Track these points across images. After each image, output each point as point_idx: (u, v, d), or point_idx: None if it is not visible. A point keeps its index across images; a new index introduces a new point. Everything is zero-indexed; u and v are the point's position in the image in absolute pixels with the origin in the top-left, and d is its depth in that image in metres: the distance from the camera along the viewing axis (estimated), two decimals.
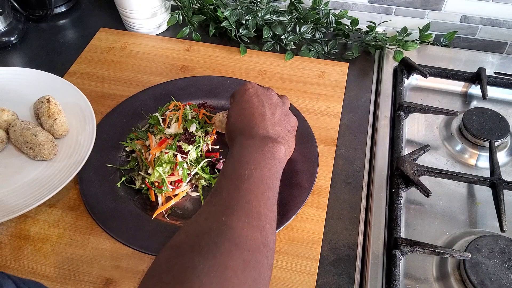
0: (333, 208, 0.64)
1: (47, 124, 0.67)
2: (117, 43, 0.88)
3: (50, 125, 0.67)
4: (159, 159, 0.63)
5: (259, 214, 0.45)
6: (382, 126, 0.73)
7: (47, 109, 0.68)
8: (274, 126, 0.56)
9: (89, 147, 0.65)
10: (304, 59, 0.85)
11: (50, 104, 0.68)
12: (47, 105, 0.68)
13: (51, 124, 0.67)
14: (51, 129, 0.67)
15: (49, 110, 0.68)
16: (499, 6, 0.83)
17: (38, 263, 0.58)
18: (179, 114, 0.69)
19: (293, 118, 0.60)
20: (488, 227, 0.62)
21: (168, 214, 0.62)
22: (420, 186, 0.62)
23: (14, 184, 0.64)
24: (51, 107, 0.68)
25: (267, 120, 0.56)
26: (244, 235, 0.42)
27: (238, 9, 0.84)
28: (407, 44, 0.83)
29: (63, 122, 0.68)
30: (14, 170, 0.66)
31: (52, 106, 0.68)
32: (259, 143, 0.53)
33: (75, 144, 0.67)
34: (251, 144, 0.53)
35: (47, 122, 0.67)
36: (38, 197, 0.61)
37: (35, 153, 0.65)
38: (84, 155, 0.64)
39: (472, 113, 0.73)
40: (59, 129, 0.67)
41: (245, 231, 0.42)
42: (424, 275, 0.58)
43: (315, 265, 0.58)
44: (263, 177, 0.49)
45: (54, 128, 0.67)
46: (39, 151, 0.64)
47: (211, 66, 0.84)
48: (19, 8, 0.92)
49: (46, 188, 0.62)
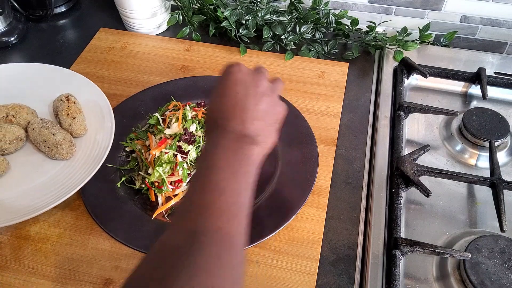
0: (333, 208, 0.64)
1: (66, 123, 0.67)
2: (117, 43, 0.88)
3: (68, 124, 0.67)
4: (159, 159, 0.63)
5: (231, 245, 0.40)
6: (382, 126, 0.73)
7: (66, 108, 0.68)
8: (254, 120, 0.49)
9: (108, 147, 0.65)
10: (304, 59, 0.85)
11: (69, 102, 0.68)
12: (66, 104, 0.68)
13: (69, 123, 0.67)
14: (69, 128, 0.67)
15: (68, 108, 0.67)
16: (499, 6, 0.83)
17: (38, 263, 0.58)
18: (179, 114, 0.69)
19: (281, 108, 0.54)
20: (488, 227, 0.62)
21: (168, 214, 0.62)
22: (420, 186, 0.62)
23: (32, 183, 0.64)
24: (70, 105, 0.68)
25: (248, 112, 0.49)
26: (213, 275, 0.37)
27: (238, 9, 0.84)
28: (407, 44, 0.83)
29: (81, 121, 0.68)
30: (31, 168, 0.65)
31: (71, 104, 0.68)
32: (234, 144, 0.48)
33: (93, 143, 0.67)
34: (226, 144, 0.48)
35: (65, 121, 0.67)
36: (54, 197, 0.60)
37: (53, 152, 0.65)
38: (102, 155, 0.64)
39: (472, 113, 0.73)
40: (77, 128, 0.67)
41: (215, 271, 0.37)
42: (424, 275, 0.58)
43: (315, 265, 0.58)
44: (238, 190, 0.44)
45: (73, 127, 0.67)
46: (57, 151, 0.64)
47: (211, 66, 0.84)
48: (19, 8, 0.92)
49: (64, 188, 0.61)
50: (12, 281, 0.57)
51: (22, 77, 0.76)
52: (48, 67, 0.77)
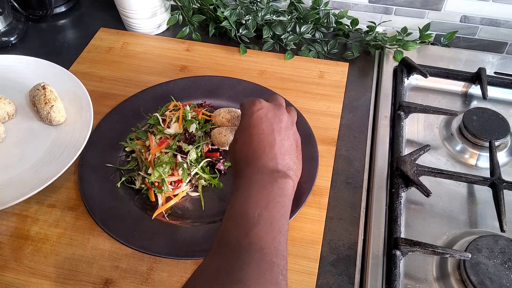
0: (333, 208, 0.64)
1: (44, 111, 0.67)
2: (117, 43, 0.88)
3: (47, 112, 0.67)
4: (159, 159, 0.63)
5: (272, 265, 0.42)
6: (382, 126, 0.73)
7: (43, 96, 0.68)
8: (283, 155, 0.52)
9: (87, 133, 0.65)
10: (304, 59, 0.85)
11: (45, 91, 0.68)
12: (42, 92, 0.68)
13: (48, 111, 0.67)
14: (48, 116, 0.67)
15: (45, 97, 0.68)
16: (499, 6, 0.83)
17: (38, 263, 0.58)
18: (179, 114, 0.69)
19: (298, 137, 0.57)
20: (488, 227, 0.62)
21: (168, 214, 0.62)
22: (420, 186, 0.62)
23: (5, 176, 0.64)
24: (47, 94, 0.68)
25: (276, 149, 0.52)
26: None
27: (238, 9, 0.84)
28: (407, 44, 0.83)
29: (60, 108, 0.68)
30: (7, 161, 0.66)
31: (48, 93, 0.68)
32: (267, 179, 0.49)
33: (73, 131, 0.67)
34: (259, 179, 0.49)
35: (44, 109, 0.67)
36: (30, 189, 0.61)
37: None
38: (82, 143, 0.64)
39: (472, 113, 0.73)
40: (56, 115, 0.68)
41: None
42: (424, 275, 0.58)
43: (315, 265, 0.58)
44: (273, 219, 0.45)
45: (52, 115, 0.67)
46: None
47: (211, 66, 0.84)
48: (19, 8, 0.92)
49: (38, 181, 0.62)
50: (12, 281, 0.57)
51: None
52: (24, 58, 0.77)
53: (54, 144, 0.67)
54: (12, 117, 0.70)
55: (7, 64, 0.77)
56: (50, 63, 0.76)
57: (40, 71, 0.75)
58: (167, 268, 0.58)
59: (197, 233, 0.59)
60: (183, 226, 0.61)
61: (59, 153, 0.65)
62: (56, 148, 0.66)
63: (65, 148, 0.65)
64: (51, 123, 0.67)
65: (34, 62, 0.77)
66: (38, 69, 0.75)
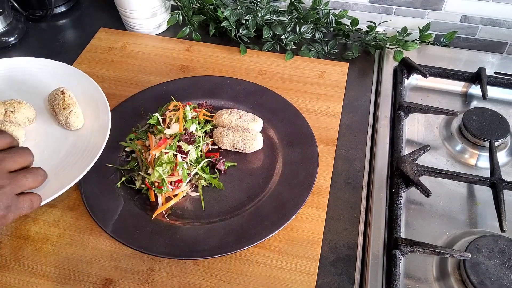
0: (333, 208, 0.64)
1: (63, 116, 0.67)
2: (117, 43, 0.88)
3: (65, 117, 0.67)
4: (159, 159, 0.63)
5: None
6: (382, 126, 0.73)
7: (62, 101, 0.68)
8: None
9: (105, 138, 0.65)
10: (304, 59, 0.85)
11: (64, 96, 0.68)
12: (61, 97, 0.68)
13: (66, 116, 0.67)
14: (66, 121, 0.67)
15: (64, 102, 0.68)
16: (499, 6, 0.83)
17: (38, 263, 0.58)
18: (179, 114, 0.69)
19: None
20: (488, 227, 0.62)
21: (168, 214, 0.62)
22: (420, 186, 0.62)
23: None
24: (65, 99, 0.68)
25: None
26: None
27: (238, 9, 0.84)
28: (407, 44, 0.83)
29: (78, 113, 0.68)
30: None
31: (67, 98, 0.68)
32: None
33: (91, 136, 0.67)
34: None
35: (62, 114, 0.67)
36: (52, 192, 0.59)
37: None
38: (100, 147, 0.64)
39: (472, 113, 0.73)
40: (74, 121, 0.68)
41: None
42: (424, 275, 0.58)
43: (315, 265, 0.58)
44: None
45: (70, 120, 0.67)
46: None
47: (211, 66, 0.84)
48: (19, 8, 0.92)
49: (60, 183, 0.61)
50: (12, 281, 0.57)
51: (15, 73, 0.76)
52: (38, 60, 0.76)
53: (72, 148, 0.66)
54: (32, 122, 0.70)
55: (24, 66, 0.76)
56: (69, 66, 0.75)
57: (58, 74, 0.75)
58: (167, 268, 0.58)
59: (197, 233, 0.59)
60: (183, 226, 0.61)
61: (77, 157, 0.65)
62: (74, 152, 0.66)
63: (83, 153, 0.65)
64: (70, 128, 0.67)
65: (51, 64, 0.76)
66: (56, 72, 0.75)
